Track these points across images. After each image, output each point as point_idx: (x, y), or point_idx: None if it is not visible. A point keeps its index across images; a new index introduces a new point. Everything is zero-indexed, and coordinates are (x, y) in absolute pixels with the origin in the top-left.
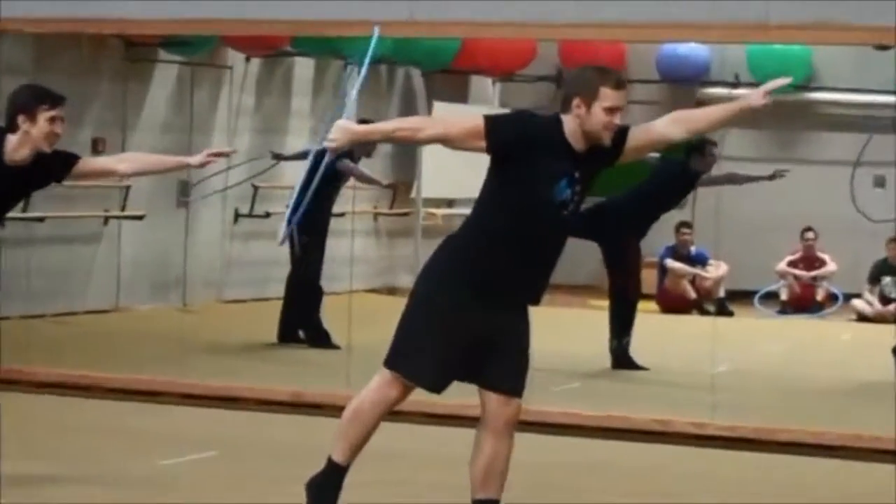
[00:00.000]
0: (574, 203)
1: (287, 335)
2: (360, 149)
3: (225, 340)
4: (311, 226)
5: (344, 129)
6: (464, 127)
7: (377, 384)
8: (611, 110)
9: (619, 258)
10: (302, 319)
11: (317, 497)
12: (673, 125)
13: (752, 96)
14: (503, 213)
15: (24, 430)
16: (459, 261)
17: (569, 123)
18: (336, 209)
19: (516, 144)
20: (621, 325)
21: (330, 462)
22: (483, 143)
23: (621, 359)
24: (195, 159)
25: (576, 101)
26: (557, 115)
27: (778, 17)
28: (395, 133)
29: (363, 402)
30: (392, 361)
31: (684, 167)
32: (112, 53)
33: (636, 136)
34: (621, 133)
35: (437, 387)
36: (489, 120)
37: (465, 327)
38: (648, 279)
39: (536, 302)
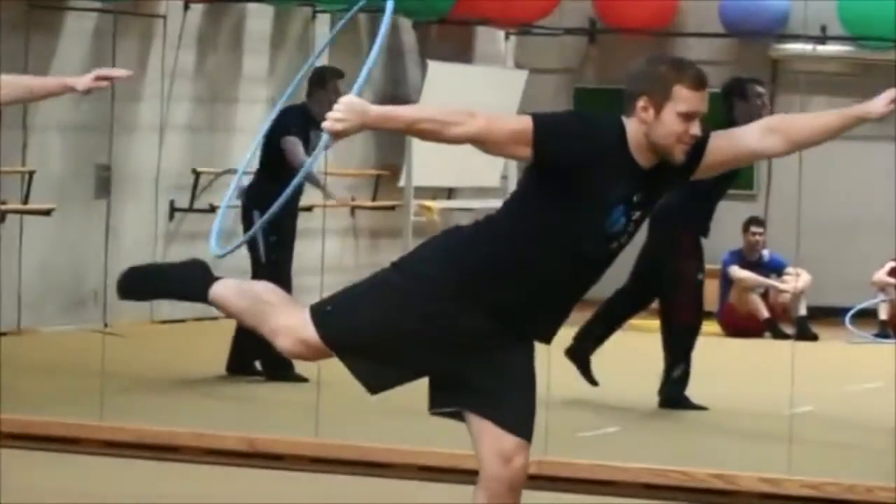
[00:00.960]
0: (627, 235)
1: (239, 365)
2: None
3: (158, 372)
4: (275, 224)
5: (356, 108)
6: (510, 128)
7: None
8: (687, 116)
9: (669, 265)
10: (259, 345)
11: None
12: (769, 136)
13: (874, 103)
14: (541, 239)
15: None
16: (472, 273)
17: (633, 131)
18: (303, 201)
19: (571, 161)
20: (672, 353)
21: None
22: (528, 151)
23: (671, 396)
24: (81, 82)
25: (641, 102)
26: (619, 118)
27: None
28: (419, 125)
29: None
30: (322, 316)
31: (728, 119)
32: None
33: (719, 149)
34: (699, 144)
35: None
36: (540, 123)
37: (448, 328)
38: (709, 293)
39: (549, 340)
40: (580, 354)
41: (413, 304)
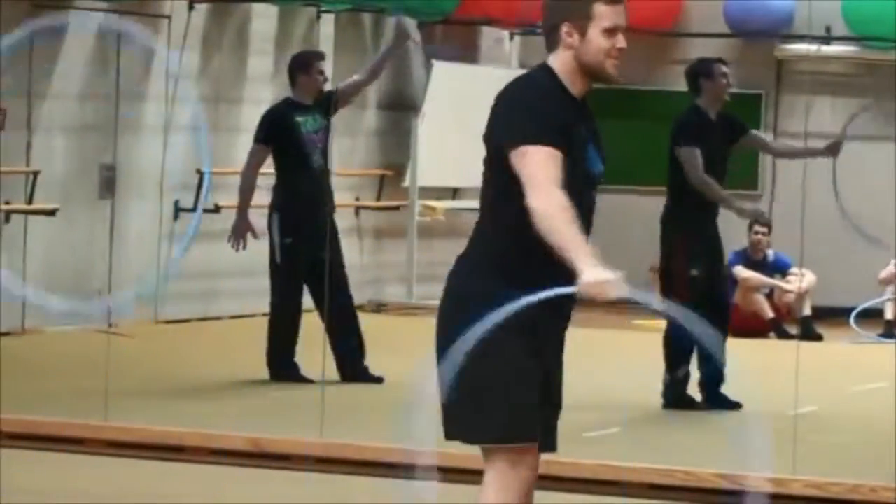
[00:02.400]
0: (600, 177)
1: (283, 369)
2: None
3: (163, 372)
4: (297, 227)
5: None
6: (554, 165)
7: (499, 480)
8: (612, 31)
9: (671, 261)
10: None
11: None
12: None
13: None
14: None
15: None
16: (515, 270)
17: (561, 63)
18: None
19: (561, 131)
20: (675, 354)
21: None
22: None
23: (675, 396)
24: None
25: (565, 29)
26: (542, 64)
27: None
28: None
29: None
30: (505, 433)
31: (696, 109)
32: None
33: None
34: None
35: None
36: (539, 136)
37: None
38: None
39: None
40: (678, 399)
41: (516, 341)
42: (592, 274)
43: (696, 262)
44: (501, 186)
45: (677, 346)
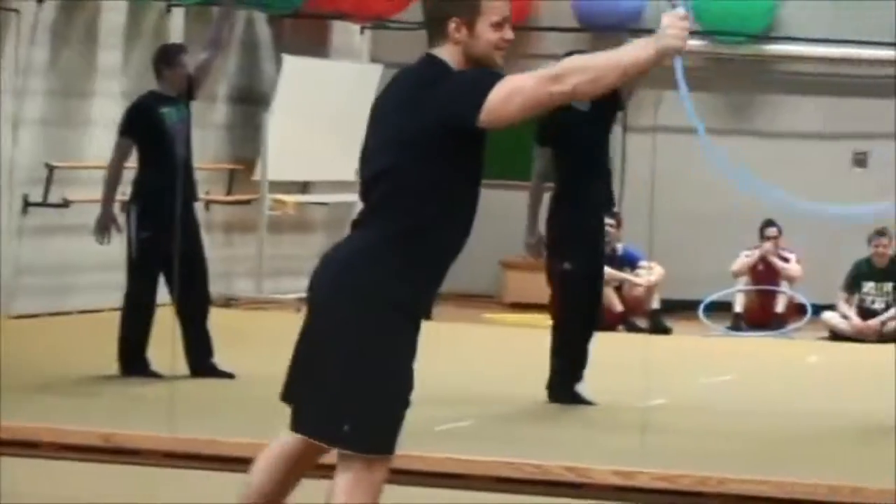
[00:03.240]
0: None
1: (134, 364)
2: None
3: (14, 368)
4: (156, 219)
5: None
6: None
7: (355, 483)
8: (500, 24)
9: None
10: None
11: None
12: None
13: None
14: (457, 202)
15: None
16: (405, 268)
17: (449, 55)
18: None
19: None
20: (552, 349)
21: None
22: None
23: (554, 391)
24: None
25: (453, 24)
26: (427, 55)
27: None
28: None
29: None
30: (379, 446)
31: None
32: None
33: None
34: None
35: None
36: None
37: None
38: None
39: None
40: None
41: (406, 331)
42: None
43: (570, 257)
44: (428, 180)
45: (554, 341)
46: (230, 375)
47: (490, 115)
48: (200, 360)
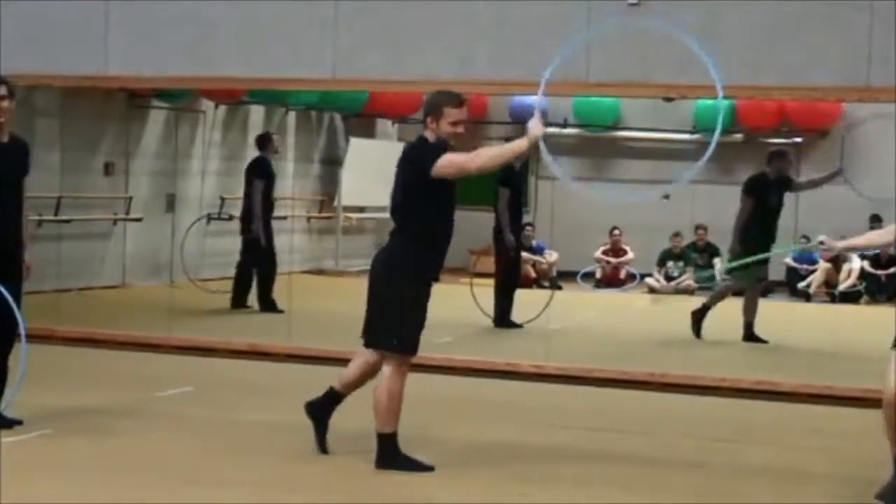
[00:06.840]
0: None
1: (239, 303)
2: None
3: (200, 308)
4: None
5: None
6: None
7: (395, 373)
8: (454, 124)
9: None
10: (259, 292)
11: (388, 460)
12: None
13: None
14: (446, 212)
15: (56, 372)
16: (419, 254)
17: (430, 135)
18: (280, 213)
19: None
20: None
21: (382, 436)
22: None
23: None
24: None
25: (429, 120)
26: (419, 136)
27: (596, 76)
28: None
29: (392, 392)
30: (409, 348)
31: None
32: (118, 101)
33: None
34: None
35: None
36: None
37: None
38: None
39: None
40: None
41: (422, 289)
42: (529, 134)
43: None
44: (423, 204)
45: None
46: (281, 311)
47: (436, 171)
48: (265, 302)
